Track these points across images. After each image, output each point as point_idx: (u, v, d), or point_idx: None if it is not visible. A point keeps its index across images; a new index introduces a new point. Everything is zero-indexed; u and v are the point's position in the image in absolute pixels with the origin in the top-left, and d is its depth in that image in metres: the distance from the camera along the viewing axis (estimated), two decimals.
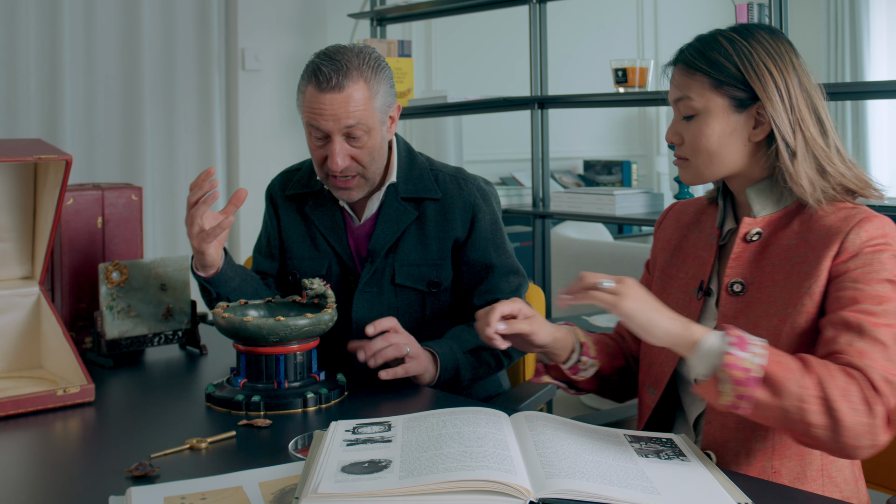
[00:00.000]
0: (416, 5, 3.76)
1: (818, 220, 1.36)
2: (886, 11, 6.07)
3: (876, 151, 6.17)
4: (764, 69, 1.36)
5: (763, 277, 1.38)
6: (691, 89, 1.40)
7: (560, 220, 4.00)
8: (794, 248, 1.36)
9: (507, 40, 5.04)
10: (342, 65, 1.74)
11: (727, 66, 1.37)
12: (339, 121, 1.74)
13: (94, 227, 1.97)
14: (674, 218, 1.61)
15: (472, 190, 1.90)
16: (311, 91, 1.75)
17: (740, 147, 1.40)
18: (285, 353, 1.58)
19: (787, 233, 1.38)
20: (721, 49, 1.38)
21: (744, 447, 1.36)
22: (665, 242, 1.59)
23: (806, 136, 1.36)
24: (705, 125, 1.39)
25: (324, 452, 1.16)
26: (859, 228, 1.31)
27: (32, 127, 3.37)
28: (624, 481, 1.10)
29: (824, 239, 1.33)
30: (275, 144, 3.94)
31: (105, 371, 1.83)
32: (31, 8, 3.34)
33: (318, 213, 1.93)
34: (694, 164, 1.42)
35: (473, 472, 1.05)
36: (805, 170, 1.36)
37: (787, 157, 1.36)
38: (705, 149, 1.40)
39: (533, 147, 3.42)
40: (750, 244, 1.41)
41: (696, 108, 1.39)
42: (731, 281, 1.41)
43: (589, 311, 3.45)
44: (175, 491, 1.14)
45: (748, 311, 1.38)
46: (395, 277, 1.86)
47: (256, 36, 3.88)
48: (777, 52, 1.38)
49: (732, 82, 1.37)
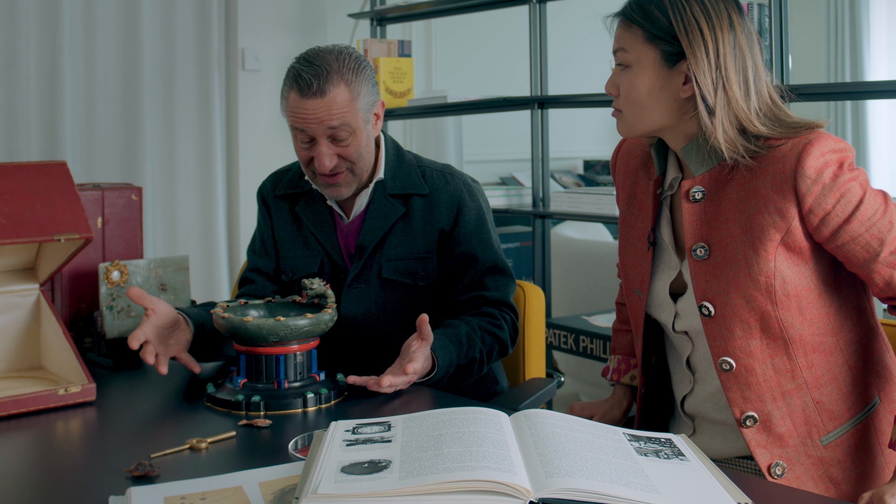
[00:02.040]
0: (416, 5, 3.76)
1: (759, 165, 1.38)
2: (886, 11, 6.07)
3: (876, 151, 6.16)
4: (695, 25, 1.38)
5: (721, 236, 1.41)
6: (627, 41, 1.43)
7: (560, 220, 3.99)
8: (744, 200, 1.39)
9: (507, 40, 5.04)
10: (322, 69, 1.75)
11: (661, 20, 1.40)
12: (323, 123, 1.76)
13: (94, 227, 1.97)
14: (623, 161, 1.64)
15: (458, 184, 1.93)
16: (293, 97, 1.77)
17: (669, 102, 1.42)
18: (285, 353, 1.58)
19: (733, 185, 1.41)
20: (658, 3, 1.41)
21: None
22: (621, 188, 1.63)
23: (728, 95, 1.38)
24: (636, 77, 1.42)
25: (324, 452, 1.16)
26: (802, 166, 1.34)
27: (32, 127, 3.37)
28: (623, 479, 1.10)
29: (771, 185, 1.36)
30: (275, 144, 3.93)
31: (105, 371, 1.83)
32: (31, 8, 3.34)
33: (308, 212, 1.95)
34: (626, 115, 1.46)
35: (473, 473, 1.05)
36: (724, 127, 1.38)
37: (706, 115, 1.38)
38: (635, 101, 1.43)
39: (533, 147, 3.42)
40: (697, 203, 1.44)
41: (630, 60, 1.43)
42: (692, 245, 1.44)
43: (589, 310, 3.45)
44: (175, 491, 1.15)
45: (719, 273, 1.41)
46: (382, 272, 1.87)
47: (256, 36, 3.88)
48: (715, 9, 1.39)
49: (664, 36, 1.40)
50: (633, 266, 1.55)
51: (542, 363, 2.09)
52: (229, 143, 3.90)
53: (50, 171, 1.69)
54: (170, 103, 3.71)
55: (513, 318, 1.90)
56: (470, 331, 1.80)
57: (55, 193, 1.66)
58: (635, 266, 1.55)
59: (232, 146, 3.90)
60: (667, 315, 1.51)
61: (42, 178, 1.67)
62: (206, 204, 3.80)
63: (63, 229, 1.62)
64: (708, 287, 1.42)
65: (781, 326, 1.39)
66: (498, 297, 1.89)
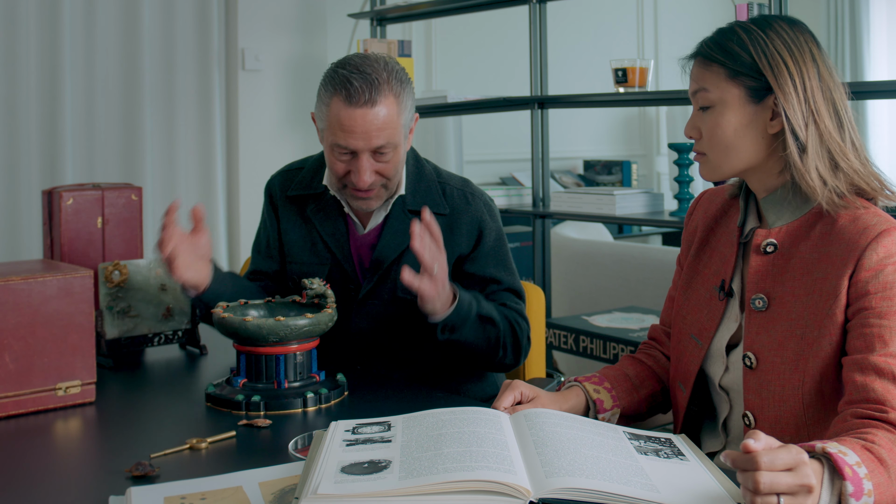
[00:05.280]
0: (416, 5, 3.76)
1: (837, 231, 1.33)
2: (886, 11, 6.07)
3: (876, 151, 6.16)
4: (779, 59, 1.34)
5: (784, 292, 1.36)
6: (707, 80, 1.38)
7: (560, 220, 4.00)
8: (815, 263, 1.34)
9: (507, 40, 5.04)
10: (374, 79, 1.68)
11: (742, 56, 1.35)
12: (370, 140, 1.69)
13: (94, 228, 1.97)
14: (703, 209, 1.57)
15: (479, 205, 1.88)
16: (338, 104, 1.68)
17: (757, 140, 1.37)
18: (285, 353, 1.58)
19: (808, 244, 1.36)
20: (737, 39, 1.37)
21: None
22: (693, 234, 1.57)
23: (820, 129, 1.34)
24: (721, 116, 1.37)
25: (323, 453, 1.16)
26: (877, 244, 1.28)
27: (32, 127, 3.37)
28: (623, 478, 1.10)
29: (842, 254, 1.30)
30: (275, 144, 3.93)
31: (105, 371, 1.83)
32: (31, 8, 3.34)
33: (321, 217, 1.89)
34: (711, 157, 1.41)
35: (473, 473, 1.05)
36: (816, 164, 1.33)
37: (796, 151, 1.33)
38: (721, 141, 1.38)
39: (533, 147, 3.42)
40: (767, 256, 1.39)
41: (713, 100, 1.38)
42: (752, 296, 1.39)
43: (589, 310, 3.45)
44: (175, 491, 1.15)
45: (771, 328, 1.36)
46: (396, 290, 1.83)
47: (256, 36, 3.88)
48: (795, 43, 1.35)
49: (747, 72, 1.35)
50: (694, 313, 1.49)
51: (542, 363, 2.09)
52: (229, 143, 3.90)
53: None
54: (170, 103, 3.71)
55: (527, 329, 1.87)
56: (486, 301, 1.79)
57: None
58: (696, 313, 1.49)
59: (232, 146, 3.90)
60: (717, 367, 1.45)
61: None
62: (206, 204, 3.80)
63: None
64: (756, 338, 1.37)
65: (807, 395, 1.33)
66: (515, 309, 1.86)
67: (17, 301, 1.52)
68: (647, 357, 1.62)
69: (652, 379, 1.58)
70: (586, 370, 3.50)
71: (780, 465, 1.01)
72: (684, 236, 1.60)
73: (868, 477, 1.08)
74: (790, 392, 1.33)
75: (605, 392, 1.50)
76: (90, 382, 1.60)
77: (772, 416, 1.36)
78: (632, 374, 1.56)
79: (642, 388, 1.55)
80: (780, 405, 1.35)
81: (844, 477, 1.06)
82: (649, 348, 1.64)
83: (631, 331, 2.90)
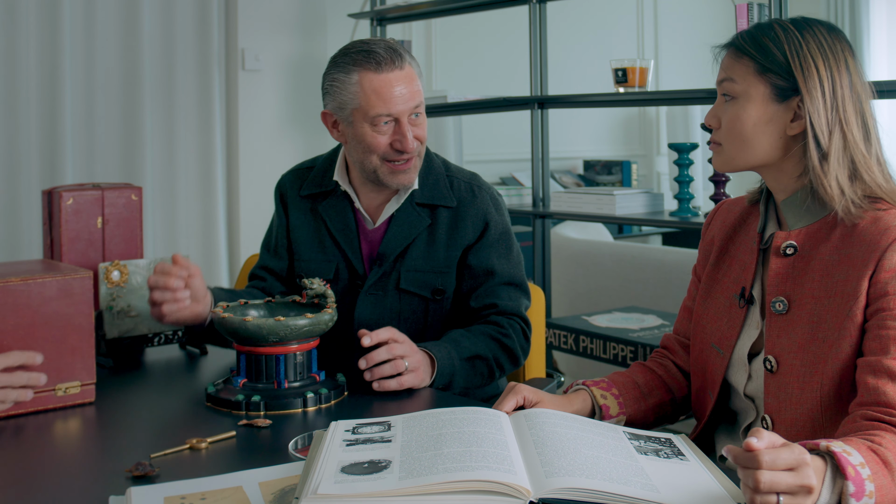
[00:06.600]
0: (416, 5, 3.76)
1: (858, 232, 1.32)
2: (886, 11, 6.07)
3: None
4: (811, 62, 1.33)
5: (804, 294, 1.35)
6: (736, 71, 1.38)
7: (560, 220, 4.00)
8: (835, 264, 1.33)
9: (507, 40, 5.04)
10: (391, 46, 1.76)
11: (775, 53, 1.35)
12: (409, 100, 1.76)
13: (94, 227, 1.97)
14: (721, 218, 1.57)
15: (486, 198, 1.89)
16: (369, 76, 1.73)
17: (774, 138, 1.37)
18: (285, 353, 1.58)
19: (828, 246, 1.35)
20: (772, 36, 1.36)
21: None
22: (711, 244, 1.56)
23: (847, 138, 1.33)
24: (742, 109, 1.37)
25: (323, 452, 1.16)
26: None
27: (32, 127, 3.37)
28: (623, 478, 1.10)
29: (863, 255, 1.30)
30: (275, 144, 3.93)
31: (105, 371, 1.83)
32: (31, 8, 3.34)
33: (331, 213, 1.91)
34: (726, 148, 1.40)
35: (473, 473, 1.05)
36: (836, 172, 1.32)
37: (816, 156, 1.33)
38: (739, 133, 1.38)
39: (533, 147, 3.42)
40: (787, 258, 1.38)
41: (737, 91, 1.37)
42: (773, 299, 1.38)
43: (589, 310, 3.45)
44: (175, 491, 1.15)
45: (792, 330, 1.35)
46: (399, 282, 1.85)
47: (256, 36, 3.88)
48: (831, 49, 1.35)
49: (777, 70, 1.35)
50: (714, 322, 1.48)
51: (542, 363, 2.09)
52: (229, 143, 3.90)
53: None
54: (170, 103, 3.71)
55: (523, 328, 1.88)
56: (465, 332, 1.80)
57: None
58: (716, 322, 1.48)
59: (232, 146, 3.90)
60: (740, 376, 1.44)
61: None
62: (206, 204, 3.80)
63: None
64: (777, 342, 1.36)
65: (827, 396, 1.32)
66: (509, 307, 1.86)
67: (17, 302, 1.52)
68: (657, 366, 1.60)
69: (661, 388, 1.56)
70: (586, 370, 3.49)
71: (781, 464, 1.01)
72: (701, 246, 1.60)
73: (871, 478, 1.08)
74: (808, 394, 1.32)
75: (612, 398, 1.49)
76: (90, 383, 1.60)
77: (789, 419, 1.35)
78: (641, 383, 1.55)
79: (650, 397, 1.54)
80: (797, 407, 1.34)
81: (846, 476, 1.06)
82: (661, 357, 1.63)
83: (631, 331, 2.90)
